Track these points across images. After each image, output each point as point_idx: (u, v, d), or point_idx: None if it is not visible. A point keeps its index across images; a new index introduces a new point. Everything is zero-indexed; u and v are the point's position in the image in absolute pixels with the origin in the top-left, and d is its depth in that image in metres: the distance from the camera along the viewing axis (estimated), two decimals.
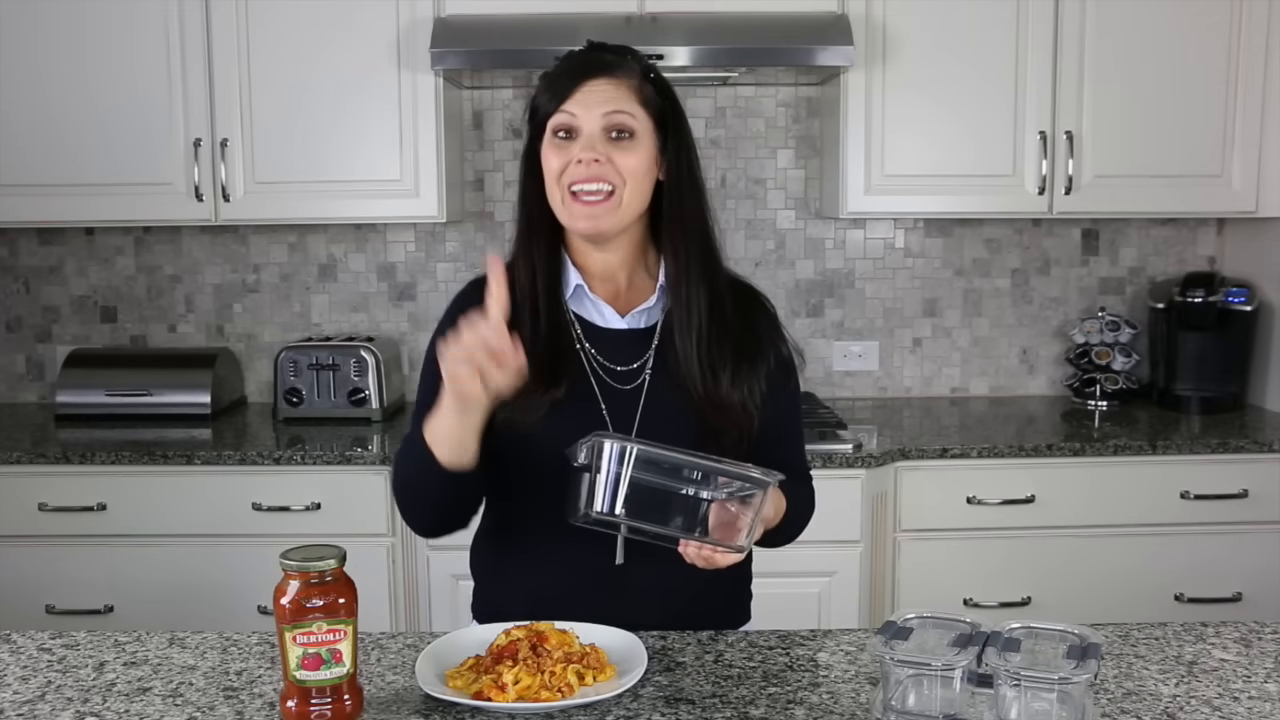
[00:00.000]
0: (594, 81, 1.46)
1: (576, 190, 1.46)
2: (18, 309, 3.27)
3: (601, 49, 1.52)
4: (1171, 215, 3.18)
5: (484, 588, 1.64)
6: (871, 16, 2.81)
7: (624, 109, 1.47)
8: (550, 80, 1.50)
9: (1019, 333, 3.31)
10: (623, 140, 1.46)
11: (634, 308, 1.54)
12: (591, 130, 1.46)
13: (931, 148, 2.87)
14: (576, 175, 1.46)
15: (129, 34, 2.81)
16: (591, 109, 1.46)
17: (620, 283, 1.56)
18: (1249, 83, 2.86)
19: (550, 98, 1.48)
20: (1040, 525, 2.69)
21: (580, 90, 1.46)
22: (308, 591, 1.17)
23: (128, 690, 1.31)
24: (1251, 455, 2.69)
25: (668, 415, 1.50)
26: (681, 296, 1.51)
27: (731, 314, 1.54)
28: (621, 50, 1.52)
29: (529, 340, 1.44)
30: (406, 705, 1.26)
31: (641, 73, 1.50)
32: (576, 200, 1.46)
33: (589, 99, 1.46)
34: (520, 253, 1.54)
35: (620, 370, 1.52)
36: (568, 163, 1.46)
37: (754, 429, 1.52)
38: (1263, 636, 1.45)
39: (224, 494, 2.65)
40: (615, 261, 1.54)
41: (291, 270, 3.25)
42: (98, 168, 2.85)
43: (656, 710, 1.24)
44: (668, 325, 1.53)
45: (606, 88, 1.47)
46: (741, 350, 1.52)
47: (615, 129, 1.46)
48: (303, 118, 2.84)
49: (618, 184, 1.46)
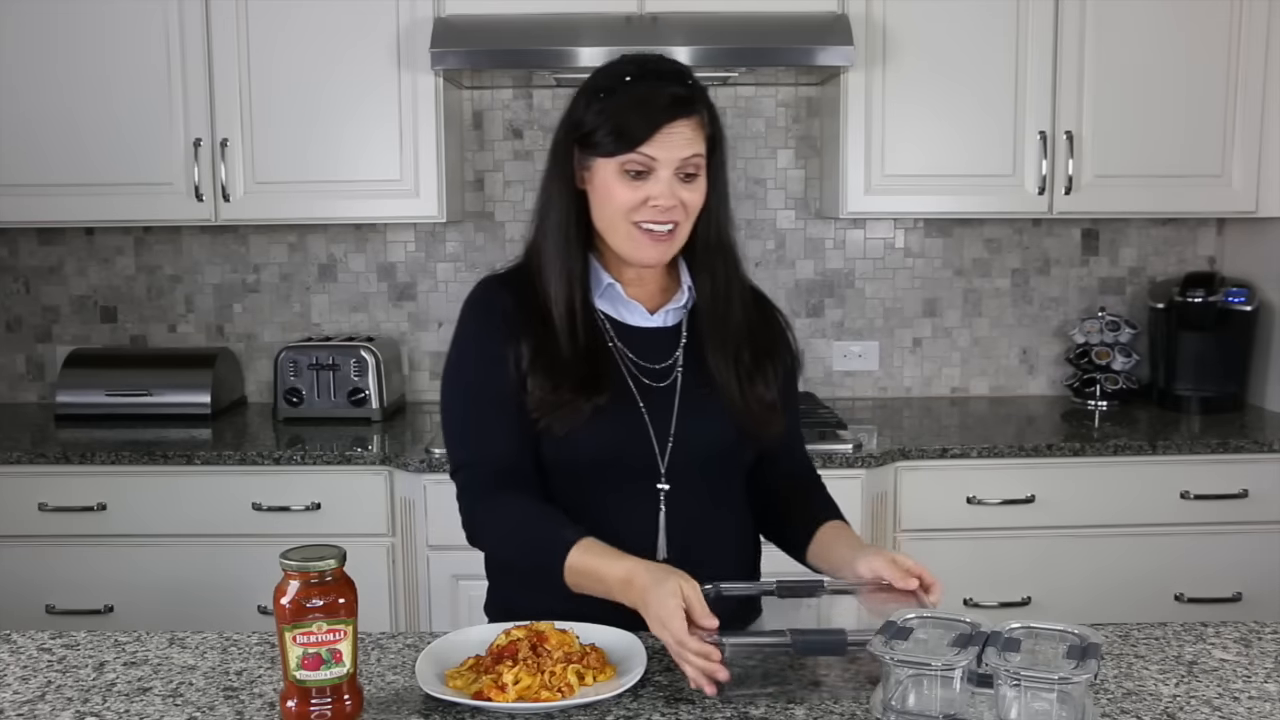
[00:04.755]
0: (675, 125, 1.43)
1: (647, 228, 1.45)
2: (18, 309, 3.26)
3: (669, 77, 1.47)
4: (1171, 215, 3.18)
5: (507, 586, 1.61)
6: (871, 16, 2.81)
7: (698, 151, 1.46)
8: (619, 111, 1.44)
9: (1019, 333, 3.31)
10: (690, 180, 1.46)
11: (661, 305, 1.56)
12: (668, 174, 1.44)
13: (931, 148, 2.87)
14: (650, 216, 1.45)
15: (129, 34, 2.81)
16: (671, 152, 1.43)
17: (650, 283, 1.57)
18: (1249, 83, 2.86)
19: (623, 135, 1.43)
20: (1040, 525, 2.69)
21: (660, 134, 1.43)
22: (308, 591, 1.17)
23: (128, 690, 1.31)
24: (1251, 455, 2.69)
25: (706, 418, 1.53)
26: (719, 313, 1.54)
27: (755, 320, 1.58)
28: (685, 75, 1.48)
29: (568, 350, 1.47)
30: (406, 705, 1.26)
31: (709, 107, 1.49)
32: (644, 234, 1.46)
33: (669, 142, 1.43)
34: (555, 267, 1.51)
35: (653, 368, 1.54)
36: (640, 201, 1.44)
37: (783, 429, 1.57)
38: (1263, 636, 1.45)
39: (224, 494, 2.65)
40: (650, 271, 1.55)
41: (291, 270, 3.25)
42: (98, 168, 2.85)
43: (656, 710, 1.24)
44: (694, 320, 1.56)
45: (685, 130, 1.44)
46: (766, 354, 1.56)
47: (687, 171, 1.46)
48: (303, 118, 2.84)
49: (681, 220, 1.47)
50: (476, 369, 1.52)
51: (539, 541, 1.43)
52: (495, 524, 1.49)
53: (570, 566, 1.38)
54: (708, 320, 1.55)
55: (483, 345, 1.53)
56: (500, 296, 1.55)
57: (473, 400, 1.51)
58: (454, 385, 1.55)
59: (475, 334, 1.55)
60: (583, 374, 1.46)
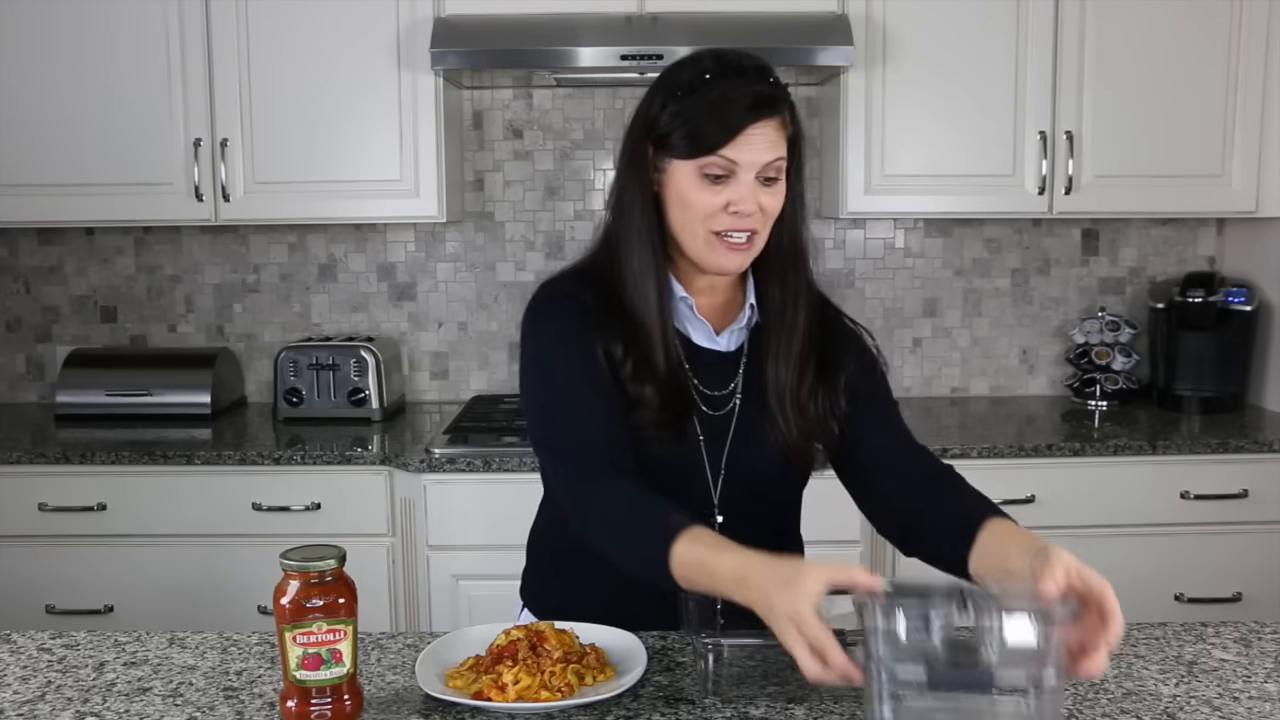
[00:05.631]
0: (758, 125, 1.35)
1: (727, 235, 1.38)
2: (18, 309, 3.26)
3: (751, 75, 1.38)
4: (1171, 215, 3.18)
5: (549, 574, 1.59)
6: (871, 16, 2.81)
7: (780, 154, 1.38)
8: (698, 111, 1.36)
9: (1019, 333, 3.31)
10: (771, 184, 1.39)
11: (726, 325, 1.49)
12: (749, 179, 1.36)
13: (931, 148, 2.87)
14: (730, 224, 1.37)
15: (129, 34, 2.81)
16: (754, 155, 1.35)
17: (719, 299, 1.50)
18: (1249, 83, 2.86)
19: (703, 137, 1.35)
20: (1040, 525, 2.65)
21: (742, 136, 1.34)
22: (308, 591, 1.17)
23: (128, 690, 1.31)
24: (1251, 455, 2.69)
25: (755, 448, 1.47)
26: (785, 321, 1.46)
27: (818, 330, 1.50)
28: (767, 73, 1.39)
29: (662, 369, 1.40)
30: (406, 705, 1.26)
31: (791, 106, 1.40)
32: (723, 242, 1.38)
33: (752, 143, 1.35)
34: (644, 276, 1.42)
35: (713, 395, 1.47)
36: (720, 207, 1.37)
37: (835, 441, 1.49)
38: (1263, 636, 1.45)
39: (224, 494, 2.65)
40: (722, 281, 1.48)
41: (291, 270, 3.25)
42: (98, 168, 2.85)
43: (656, 710, 1.24)
44: (756, 346, 1.49)
45: (769, 130, 1.36)
46: (831, 363, 1.49)
47: (768, 176, 1.38)
48: (303, 117, 2.84)
49: (761, 227, 1.40)
50: (561, 355, 1.42)
51: (645, 531, 1.29)
52: (602, 512, 1.35)
53: (677, 558, 1.24)
54: (773, 329, 1.47)
55: (567, 336, 1.42)
56: (578, 295, 1.45)
57: (562, 382, 1.41)
58: (537, 374, 1.44)
59: (557, 327, 1.44)
60: (681, 396, 1.41)
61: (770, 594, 1.14)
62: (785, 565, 1.17)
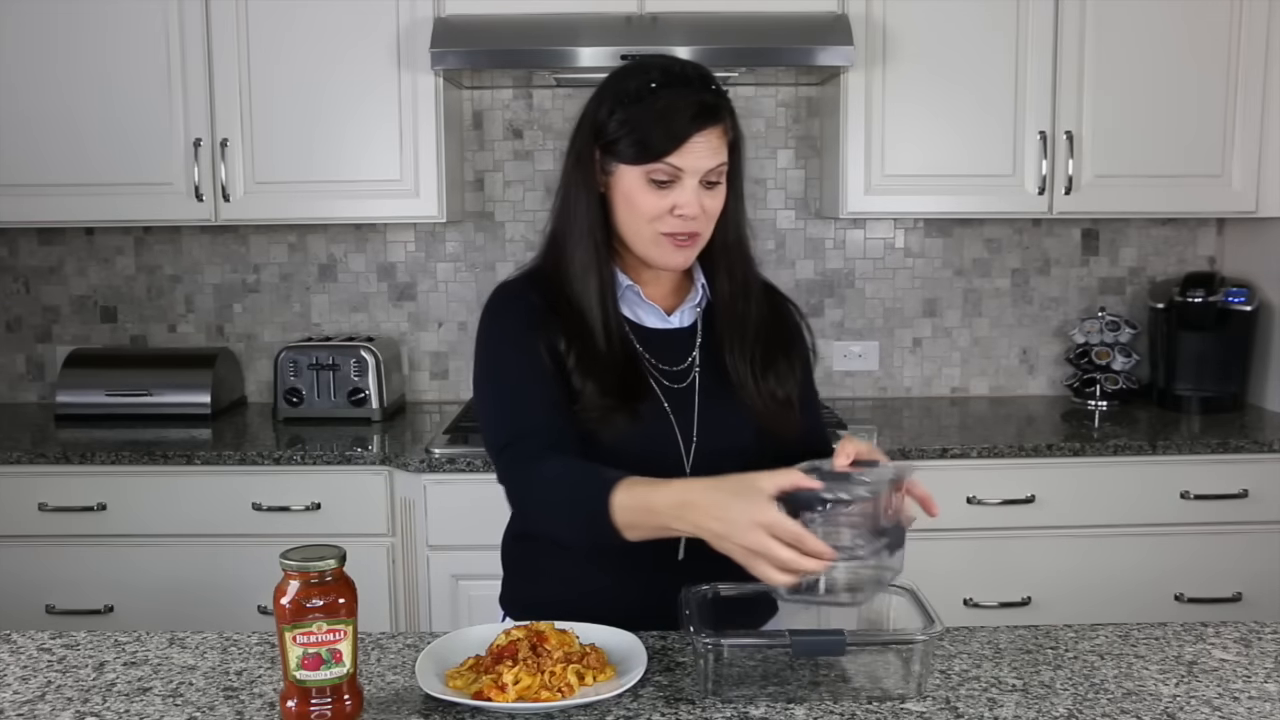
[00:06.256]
0: (702, 134, 1.42)
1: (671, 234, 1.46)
2: (18, 309, 3.27)
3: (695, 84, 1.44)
4: (1171, 215, 3.18)
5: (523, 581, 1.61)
6: (871, 16, 2.81)
7: (722, 159, 1.45)
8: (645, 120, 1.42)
9: (1019, 333, 3.31)
10: (713, 187, 1.47)
11: (676, 305, 1.57)
12: (693, 184, 1.44)
13: (931, 148, 2.87)
14: (675, 226, 1.45)
15: (129, 34, 2.81)
16: (698, 162, 1.42)
17: (666, 287, 1.58)
18: (1249, 83, 2.86)
19: (649, 145, 1.42)
20: (1040, 525, 2.69)
21: (689, 143, 1.41)
22: (308, 591, 1.17)
23: (128, 690, 1.31)
24: (1251, 455, 2.69)
25: (726, 415, 1.53)
26: (738, 312, 1.55)
27: (769, 316, 1.59)
28: (709, 81, 1.46)
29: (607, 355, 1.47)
30: (406, 705, 1.26)
31: (731, 113, 1.47)
32: (670, 241, 1.46)
33: (696, 151, 1.42)
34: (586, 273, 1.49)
35: (672, 370, 1.54)
36: (665, 210, 1.44)
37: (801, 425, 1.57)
38: (1263, 636, 1.45)
39: (224, 494, 2.65)
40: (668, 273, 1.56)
41: (291, 270, 3.25)
42: (98, 168, 2.85)
43: (656, 710, 1.24)
44: (708, 318, 1.57)
45: (711, 138, 1.43)
46: (782, 351, 1.57)
47: (711, 179, 1.45)
48: (303, 117, 2.84)
49: (704, 228, 1.48)
50: (506, 354, 1.49)
51: (583, 491, 1.36)
52: (541, 486, 1.42)
53: (618, 505, 1.31)
54: (725, 319, 1.55)
55: (512, 335, 1.50)
56: (525, 296, 1.52)
57: (506, 380, 1.48)
58: (485, 376, 1.51)
59: (502, 328, 1.51)
60: (628, 380, 1.47)
61: (725, 509, 1.23)
62: (729, 481, 1.26)
